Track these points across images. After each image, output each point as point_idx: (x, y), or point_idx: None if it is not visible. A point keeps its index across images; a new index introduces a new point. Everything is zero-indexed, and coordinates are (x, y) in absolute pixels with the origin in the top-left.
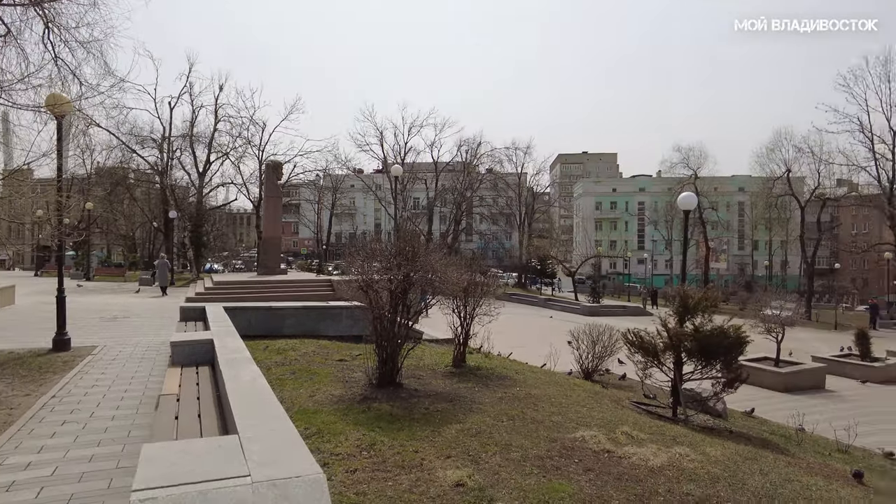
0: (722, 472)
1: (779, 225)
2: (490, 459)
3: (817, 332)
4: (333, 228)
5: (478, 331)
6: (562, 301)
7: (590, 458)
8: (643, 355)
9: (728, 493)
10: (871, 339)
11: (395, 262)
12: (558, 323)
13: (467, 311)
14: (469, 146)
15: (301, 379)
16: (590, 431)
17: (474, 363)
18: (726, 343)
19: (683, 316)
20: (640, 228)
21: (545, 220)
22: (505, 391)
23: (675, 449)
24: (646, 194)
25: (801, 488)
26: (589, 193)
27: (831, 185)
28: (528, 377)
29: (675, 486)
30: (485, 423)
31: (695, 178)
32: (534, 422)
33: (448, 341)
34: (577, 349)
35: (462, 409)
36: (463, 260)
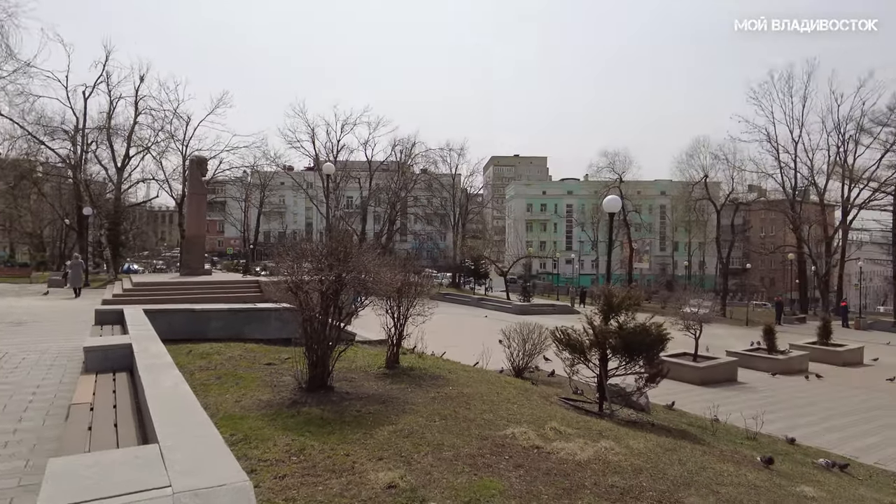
0: (644, 463)
1: (697, 227)
2: (422, 460)
3: (731, 328)
4: (262, 227)
5: (412, 331)
6: (494, 300)
7: (520, 454)
8: (571, 352)
9: (650, 483)
10: (777, 334)
11: (327, 262)
12: (491, 322)
13: (401, 312)
14: (404, 146)
15: (227, 384)
16: (520, 428)
17: (408, 364)
18: (648, 340)
19: (608, 314)
20: (568, 230)
21: (479, 221)
22: (438, 391)
23: (600, 443)
24: (574, 197)
25: (715, 474)
26: (520, 196)
27: (744, 190)
28: (460, 376)
29: (600, 479)
30: (417, 424)
31: (620, 182)
32: (466, 420)
33: (381, 342)
34: (509, 347)
35: (395, 411)
36: (397, 260)
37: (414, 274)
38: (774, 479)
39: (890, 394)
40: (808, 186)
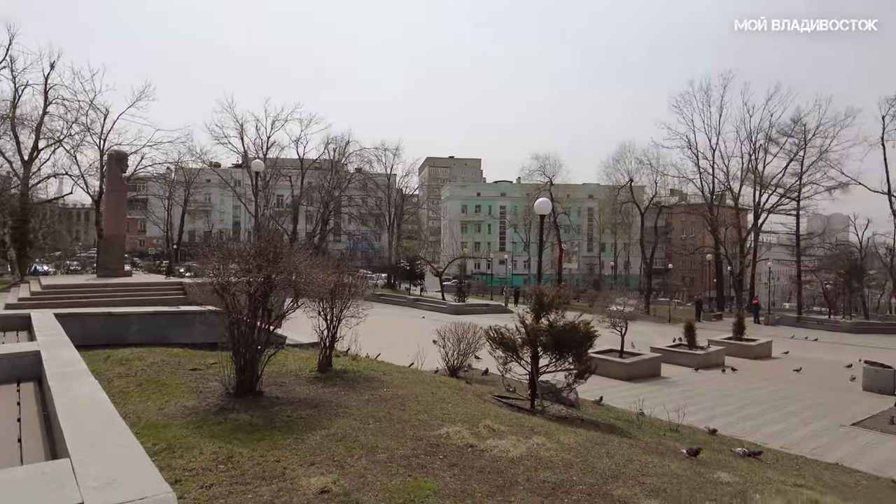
0: (574, 457)
1: (622, 229)
2: (356, 463)
3: (654, 326)
4: (186, 227)
5: (345, 333)
6: (429, 301)
7: (454, 453)
8: (504, 351)
9: (580, 476)
10: (696, 331)
11: (256, 263)
12: (427, 322)
13: (334, 314)
14: (337, 144)
15: (149, 391)
16: (454, 427)
17: (341, 367)
18: (577, 337)
19: (539, 312)
20: (501, 231)
21: (414, 222)
22: (372, 393)
23: (533, 439)
24: (507, 199)
25: (641, 466)
26: (456, 197)
27: (666, 194)
28: (395, 378)
29: (533, 475)
30: (351, 427)
31: (550, 185)
32: (400, 422)
33: (313, 345)
34: (444, 347)
35: (327, 414)
36: (330, 261)
37: (348, 275)
38: (695, 467)
39: (795, 384)
40: (724, 191)
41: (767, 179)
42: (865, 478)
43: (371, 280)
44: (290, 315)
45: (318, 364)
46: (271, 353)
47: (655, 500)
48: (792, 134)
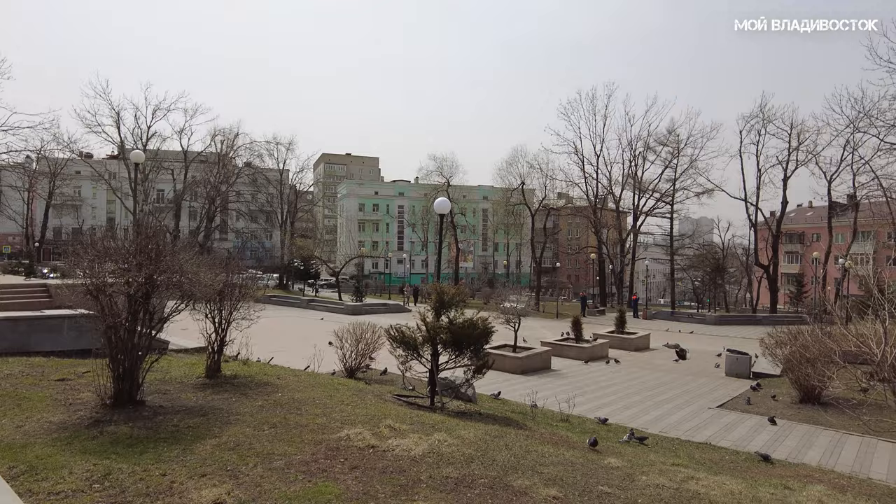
0: (475, 452)
1: (514, 230)
2: (251, 472)
3: (544, 321)
4: (51, 223)
5: (235, 337)
6: (325, 302)
7: (355, 455)
8: (405, 349)
9: (481, 470)
10: (583, 325)
11: (136, 261)
12: (324, 324)
13: (223, 316)
14: (225, 136)
15: (4, 407)
16: (355, 429)
17: (231, 372)
18: (476, 333)
19: (440, 310)
20: (399, 230)
21: (309, 220)
22: (266, 398)
23: (434, 436)
24: (405, 198)
25: (538, 456)
26: (353, 195)
27: (554, 196)
28: (290, 382)
29: (435, 472)
30: (244, 434)
31: (447, 186)
32: (297, 426)
33: (200, 350)
34: (341, 349)
35: (218, 422)
36: (217, 260)
37: (237, 275)
38: (587, 455)
39: (669, 372)
40: (607, 195)
41: (645, 184)
42: (729, 453)
43: (261, 281)
44: (174, 318)
45: (205, 370)
46: (154, 360)
47: (553, 489)
48: (667, 143)
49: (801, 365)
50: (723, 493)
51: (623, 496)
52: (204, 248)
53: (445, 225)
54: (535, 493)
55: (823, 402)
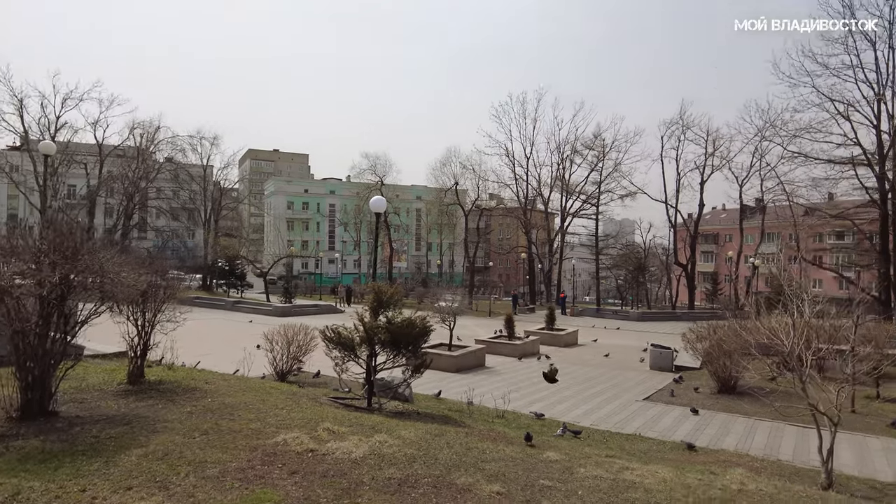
0: (416, 451)
1: (448, 229)
2: (183, 482)
3: (477, 319)
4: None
5: (160, 340)
6: (252, 303)
7: (294, 460)
8: (341, 350)
9: (424, 469)
10: (515, 323)
11: (49, 260)
12: (252, 326)
13: (146, 319)
14: (145, 129)
15: None
16: (292, 433)
17: (156, 377)
18: (415, 333)
19: (378, 310)
20: (331, 229)
21: (234, 218)
22: (195, 404)
23: (374, 437)
24: (336, 197)
25: (479, 453)
26: (281, 192)
27: (487, 197)
28: (220, 386)
29: (378, 473)
30: (173, 443)
31: (381, 185)
32: (231, 432)
33: (120, 355)
34: (271, 351)
35: (144, 431)
36: (136, 259)
37: (160, 275)
38: (526, 450)
39: (599, 367)
40: (536, 196)
41: (573, 187)
42: (656, 443)
43: (184, 282)
44: (92, 321)
45: (127, 375)
46: (69, 367)
47: (496, 484)
48: (593, 147)
49: (718, 357)
50: (656, 481)
51: (564, 489)
52: (121, 247)
53: (379, 224)
54: (478, 490)
55: (739, 392)
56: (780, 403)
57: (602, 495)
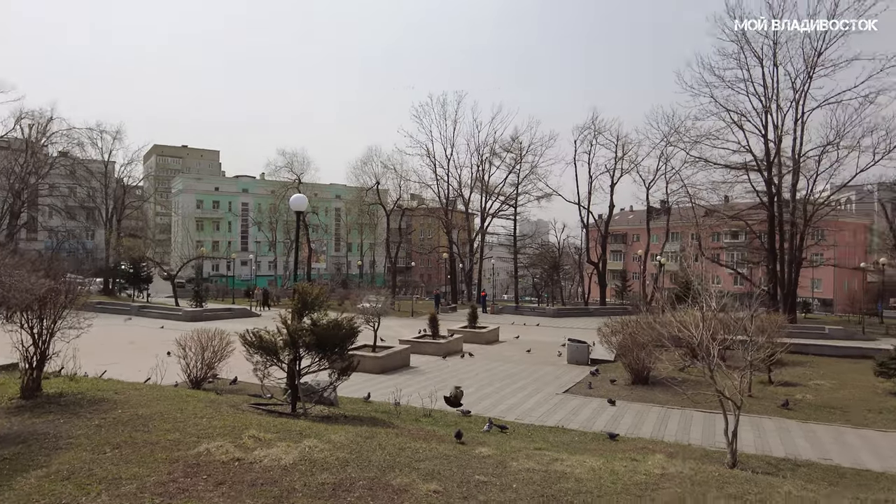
0: (349, 455)
1: (368, 229)
2: (94, 502)
3: (400, 319)
4: None
5: (60, 349)
6: (160, 308)
7: (219, 470)
8: (263, 354)
9: (358, 472)
10: (439, 322)
11: None
12: (162, 332)
13: (44, 326)
14: (35, 120)
15: None
16: (215, 442)
17: (55, 389)
18: (341, 334)
19: (302, 311)
20: (243, 229)
21: (139, 217)
22: (103, 417)
23: (303, 443)
24: (250, 195)
25: (413, 452)
26: (190, 190)
27: (409, 197)
28: (131, 396)
29: (310, 479)
30: (81, 460)
31: (298, 183)
32: (147, 444)
33: (10, 367)
34: (184, 358)
35: (44, 449)
36: (29, 262)
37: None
38: (458, 447)
39: (520, 363)
40: (457, 197)
41: (492, 188)
42: (578, 434)
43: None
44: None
45: (20, 390)
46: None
47: (433, 483)
48: (511, 150)
49: (632, 350)
50: (585, 471)
51: (498, 483)
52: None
53: (300, 223)
54: (415, 490)
55: (652, 382)
56: (691, 392)
57: (536, 487)
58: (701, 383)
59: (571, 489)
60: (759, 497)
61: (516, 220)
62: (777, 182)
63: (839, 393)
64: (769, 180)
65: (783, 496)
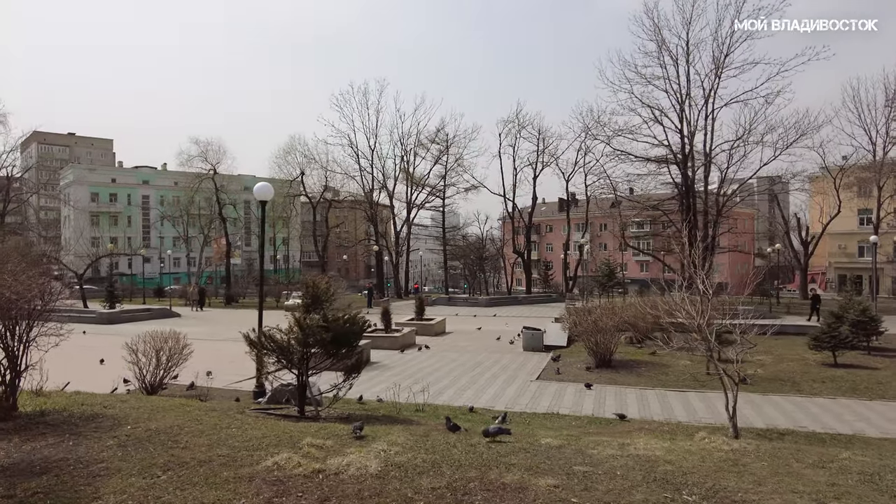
0: (430, 455)
1: (282, 222)
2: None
3: None
4: None
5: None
6: (68, 310)
7: (310, 486)
8: (279, 356)
9: (457, 473)
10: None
11: None
12: (86, 338)
13: (18, 334)
14: None
15: None
16: (279, 455)
17: (32, 407)
18: (356, 330)
19: (312, 307)
20: (145, 224)
21: (18, 213)
22: (115, 435)
23: (371, 447)
24: (151, 187)
25: (486, 448)
26: (82, 182)
27: (335, 188)
28: (125, 410)
29: (416, 485)
30: (137, 487)
31: (214, 174)
32: (200, 463)
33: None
34: (136, 363)
35: (79, 478)
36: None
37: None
38: (522, 439)
39: (479, 353)
40: (382, 188)
41: (418, 179)
42: (573, 418)
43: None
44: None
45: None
46: None
47: (546, 477)
48: (436, 141)
49: (594, 334)
50: (664, 452)
51: (601, 471)
52: None
53: (210, 216)
54: (533, 486)
55: (614, 366)
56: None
57: (641, 472)
58: (661, 365)
59: (674, 471)
60: (832, 460)
61: (444, 213)
62: (691, 175)
63: (780, 366)
64: (685, 173)
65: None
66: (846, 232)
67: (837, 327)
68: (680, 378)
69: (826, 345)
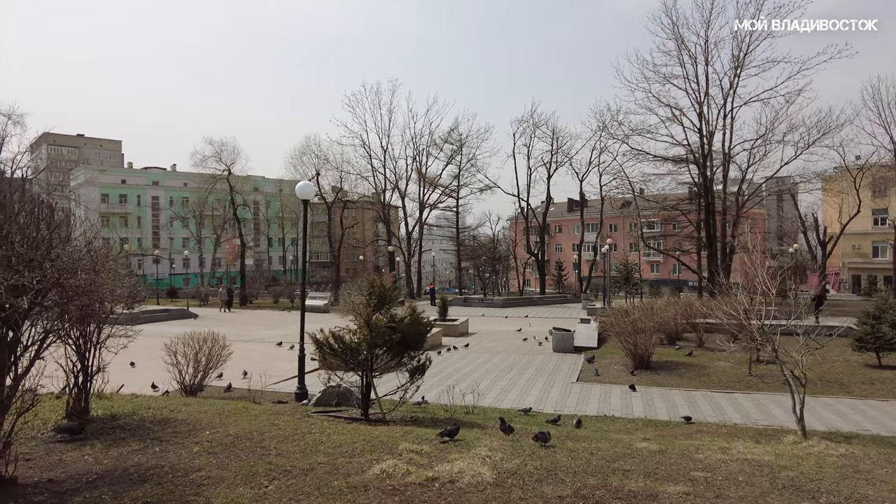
0: (541, 462)
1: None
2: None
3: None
4: None
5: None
6: None
7: (431, 495)
8: (346, 358)
9: (579, 480)
10: None
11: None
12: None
13: (88, 336)
14: None
15: None
16: (386, 462)
17: (102, 411)
18: (423, 331)
19: (377, 308)
20: (154, 225)
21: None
22: (196, 441)
23: (473, 452)
24: (160, 188)
25: (594, 452)
26: (93, 183)
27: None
28: (192, 414)
29: (547, 494)
30: (246, 498)
31: (228, 174)
32: (302, 472)
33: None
34: (176, 365)
35: (181, 487)
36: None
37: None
38: (619, 443)
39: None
40: (394, 188)
41: (431, 179)
42: (627, 421)
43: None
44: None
45: (66, 414)
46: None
47: (678, 485)
48: (449, 140)
49: (633, 335)
50: (772, 457)
51: (720, 478)
52: None
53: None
54: (665, 493)
55: (653, 367)
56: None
57: (765, 479)
58: (700, 366)
59: (798, 477)
60: None
61: (458, 213)
62: (709, 175)
63: (824, 367)
64: (703, 172)
65: None
66: (860, 232)
67: (879, 327)
68: (722, 379)
69: (870, 346)
